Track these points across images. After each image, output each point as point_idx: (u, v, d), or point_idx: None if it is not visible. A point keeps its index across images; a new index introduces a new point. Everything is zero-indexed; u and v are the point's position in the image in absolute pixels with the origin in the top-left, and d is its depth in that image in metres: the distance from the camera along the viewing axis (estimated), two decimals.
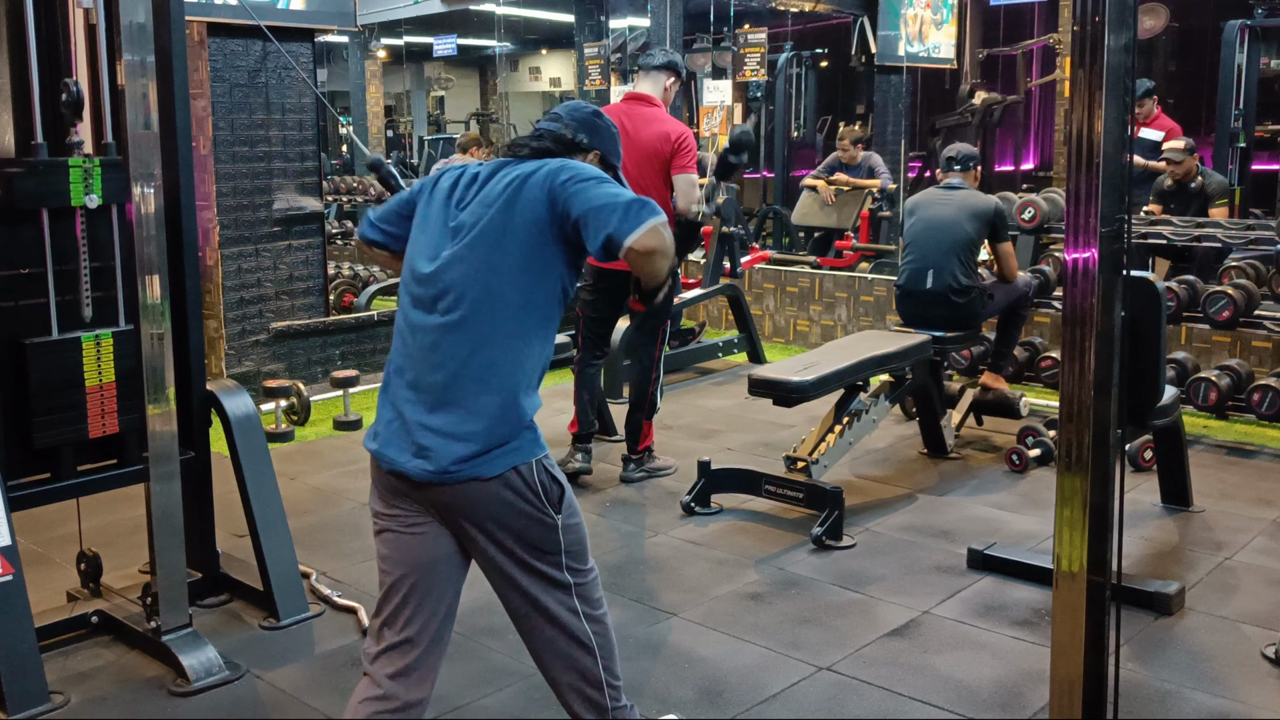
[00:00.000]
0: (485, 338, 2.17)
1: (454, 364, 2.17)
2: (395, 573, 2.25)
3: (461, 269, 2.20)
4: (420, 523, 2.24)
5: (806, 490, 4.28)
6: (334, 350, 6.56)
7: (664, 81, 4.87)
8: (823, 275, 7.83)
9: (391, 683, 2.22)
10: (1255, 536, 4.16)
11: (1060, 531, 2.20)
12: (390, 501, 2.26)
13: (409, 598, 2.23)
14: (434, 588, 2.24)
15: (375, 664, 2.24)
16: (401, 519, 2.25)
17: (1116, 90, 2.06)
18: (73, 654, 3.29)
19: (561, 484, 2.25)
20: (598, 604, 2.34)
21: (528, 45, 15.53)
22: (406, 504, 2.24)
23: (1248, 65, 8.57)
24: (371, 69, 12.84)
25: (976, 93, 11.01)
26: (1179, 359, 5.62)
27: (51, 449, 3.16)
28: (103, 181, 3.14)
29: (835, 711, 2.96)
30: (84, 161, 3.11)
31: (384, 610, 2.26)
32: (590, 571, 2.33)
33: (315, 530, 4.31)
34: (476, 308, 2.17)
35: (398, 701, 2.21)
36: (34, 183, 3.05)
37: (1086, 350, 2.12)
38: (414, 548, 2.24)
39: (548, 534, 2.22)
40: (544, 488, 2.20)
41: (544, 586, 2.24)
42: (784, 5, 10.44)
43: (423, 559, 2.24)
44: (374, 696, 2.22)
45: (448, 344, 2.18)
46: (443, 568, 2.26)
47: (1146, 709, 2.94)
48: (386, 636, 2.24)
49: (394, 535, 2.26)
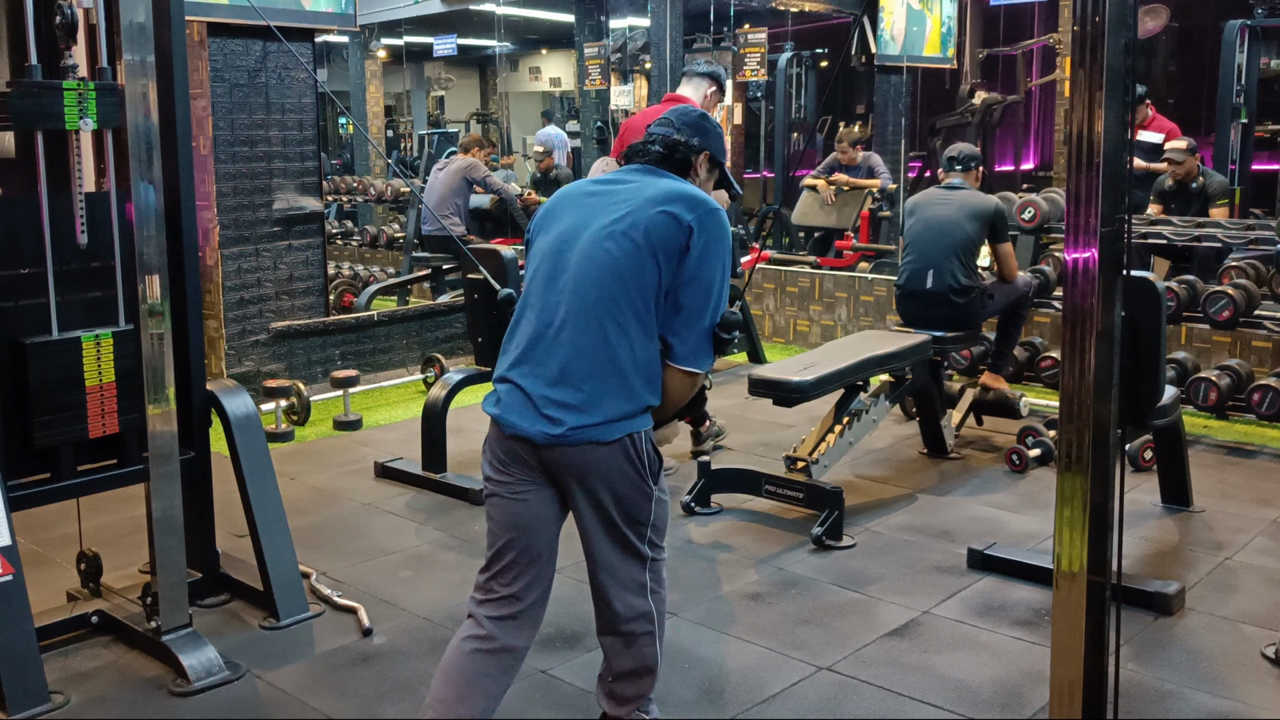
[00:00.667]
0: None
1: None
2: (504, 535, 2.43)
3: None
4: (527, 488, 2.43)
5: (806, 490, 4.28)
6: (334, 350, 6.56)
7: (705, 88, 5.01)
8: (823, 275, 7.83)
9: (495, 625, 2.41)
10: (1255, 536, 4.16)
11: (1060, 531, 2.20)
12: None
13: (517, 559, 2.42)
14: (538, 549, 2.44)
15: (481, 607, 2.44)
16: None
17: (1116, 90, 2.06)
18: (73, 654, 3.28)
19: (661, 459, 2.44)
20: (663, 585, 2.53)
21: (528, 45, 15.52)
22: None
23: (1248, 65, 8.56)
24: (371, 69, 12.84)
25: (976, 93, 11.01)
26: (1179, 359, 5.62)
27: (51, 449, 3.16)
28: (97, 105, 3.12)
29: (835, 711, 2.96)
30: (78, 85, 3.09)
31: (493, 567, 2.44)
32: (663, 552, 2.52)
33: (315, 530, 4.31)
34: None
35: (498, 643, 2.41)
36: (28, 104, 3.02)
37: (1086, 350, 2.12)
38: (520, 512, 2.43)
39: (643, 502, 2.40)
40: (650, 459, 2.39)
41: (625, 555, 2.43)
42: (784, 5, 10.44)
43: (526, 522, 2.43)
44: (477, 635, 2.41)
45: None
46: (545, 530, 2.45)
47: (1146, 709, 2.94)
48: (495, 589, 2.43)
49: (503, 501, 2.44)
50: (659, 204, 2.38)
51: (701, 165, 2.59)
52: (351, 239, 11.02)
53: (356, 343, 6.68)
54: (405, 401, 6.44)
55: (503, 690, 2.43)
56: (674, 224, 2.35)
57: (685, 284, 2.36)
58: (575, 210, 2.48)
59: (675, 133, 2.56)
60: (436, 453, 4.84)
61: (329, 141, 13.72)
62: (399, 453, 5.15)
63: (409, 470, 4.90)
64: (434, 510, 4.55)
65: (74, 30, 3.10)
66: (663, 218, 2.36)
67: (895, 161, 9.49)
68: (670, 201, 2.38)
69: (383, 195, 10.14)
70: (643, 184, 2.45)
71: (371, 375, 6.68)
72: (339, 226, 11.37)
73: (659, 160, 2.53)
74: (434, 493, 4.73)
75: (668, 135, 2.55)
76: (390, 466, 4.98)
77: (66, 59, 3.11)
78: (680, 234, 2.35)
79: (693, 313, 2.37)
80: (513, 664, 2.44)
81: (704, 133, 2.60)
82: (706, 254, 2.36)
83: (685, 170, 2.55)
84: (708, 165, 2.60)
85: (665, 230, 2.35)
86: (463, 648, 2.41)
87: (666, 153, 2.53)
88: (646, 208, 2.38)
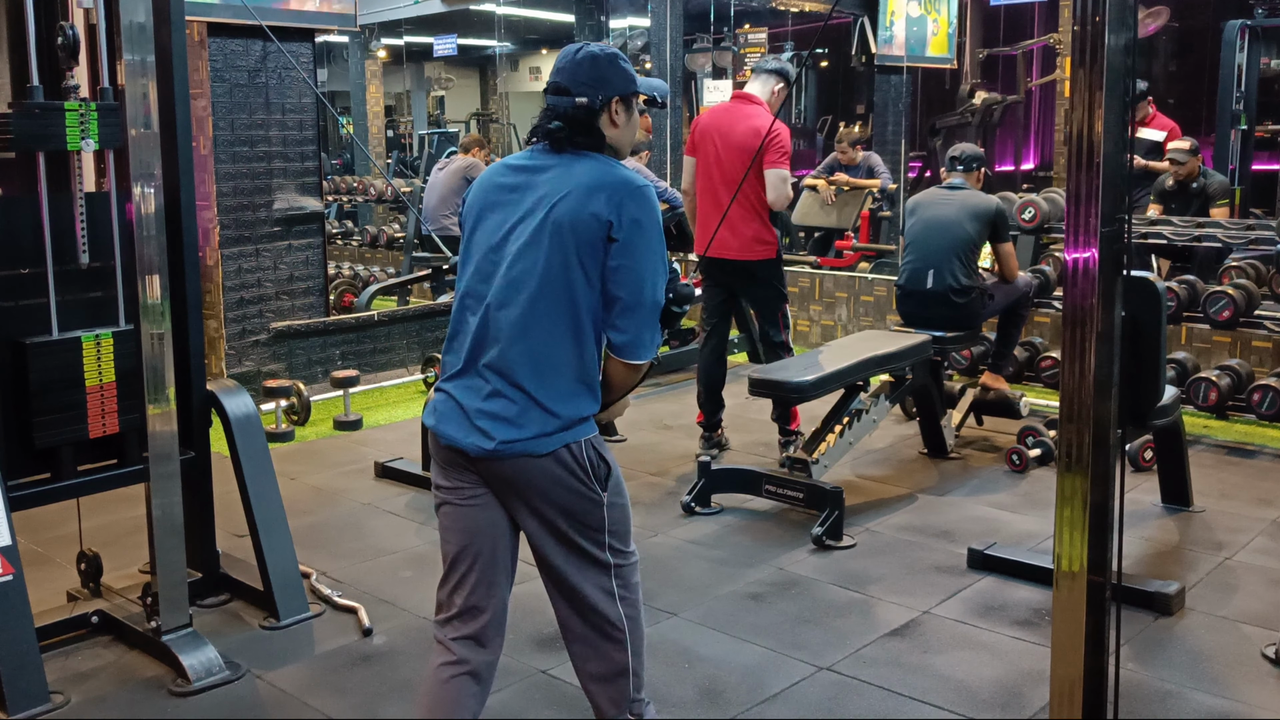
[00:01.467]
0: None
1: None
2: (458, 543, 2.38)
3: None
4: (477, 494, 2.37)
5: (806, 490, 4.28)
6: (334, 350, 6.56)
7: (772, 85, 5.10)
8: (823, 275, 7.82)
9: (461, 647, 2.35)
10: (1255, 536, 4.16)
11: (1060, 531, 2.20)
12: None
13: (473, 566, 2.36)
14: (494, 555, 2.37)
15: (445, 629, 2.38)
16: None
17: (1116, 90, 2.06)
18: (73, 654, 3.28)
19: (609, 463, 2.36)
20: (634, 589, 2.46)
21: (528, 45, 15.51)
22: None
23: (1248, 65, 8.56)
24: (371, 69, 12.84)
25: (977, 93, 11.01)
26: (1179, 359, 5.62)
27: (51, 449, 3.16)
28: (99, 126, 3.12)
29: (835, 711, 2.96)
30: (80, 105, 3.09)
31: (450, 579, 2.39)
32: (631, 555, 2.45)
33: (315, 530, 4.31)
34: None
35: (471, 664, 2.35)
36: (30, 125, 3.02)
37: (1086, 350, 2.12)
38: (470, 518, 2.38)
39: (593, 509, 2.32)
40: (592, 464, 2.31)
41: (583, 564, 2.36)
42: (784, 5, 10.44)
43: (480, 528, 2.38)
44: (448, 661, 2.36)
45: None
46: (499, 535, 2.39)
47: (1146, 709, 2.94)
48: (454, 604, 2.37)
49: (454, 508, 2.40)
50: (574, 201, 2.27)
51: (616, 113, 2.39)
52: (352, 239, 11.02)
53: (357, 343, 6.68)
54: (405, 401, 6.44)
55: (485, 698, 2.39)
56: (592, 221, 2.25)
57: (613, 274, 2.27)
58: (495, 211, 2.36)
59: (572, 98, 2.35)
60: None
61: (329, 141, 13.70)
62: (399, 453, 5.15)
63: (409, 470, 4.90)
64: (434, 510, 4.54)
65: (76, 51, 3.10)
66: (579, 215, 2.26)
67: (895, 161, 9.49)
68: (586, 196, 2.27)
69: (383, 195, 10.14)
70: (557, 174, 2.32)
71: (372, 375, 6.68)
72: (339, 226, 11.37)
73: (567, 138, 2.35)
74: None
75: (562, 107, 2.35)
76: (390, 466, 4.98)
77: (68, 80, 3.12)
78: (600, 228, 2.25)
79: (627, 303, 2.28)
80: (489, 674, 2.38)
81: (602, 79, 2.37)
82: (631, 241, 2.26)
83: (597, 135, 2.37)
84: (622, 107, 2.40)
85: (584, 228, 2.25)
86: (439, 676, 2.35)
87: (569, 126, 2.34)
88: (561, 206, 2.27)
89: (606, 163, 2.35)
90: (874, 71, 10.45)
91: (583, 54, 2.41)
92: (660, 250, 2.33)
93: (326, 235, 6.86)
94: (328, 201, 9.98)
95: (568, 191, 2.29)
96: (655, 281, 2.31)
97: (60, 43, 3.07)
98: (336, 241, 10.72)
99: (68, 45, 3.07)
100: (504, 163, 2.45)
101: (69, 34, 3.07)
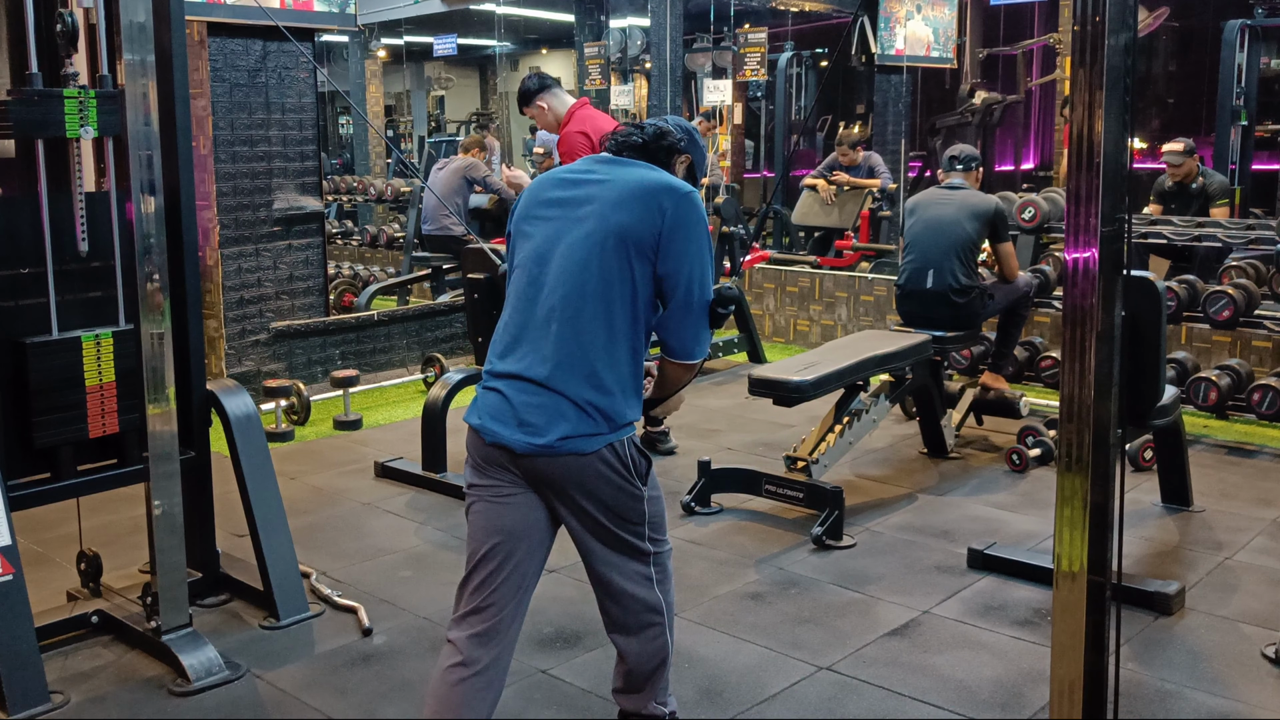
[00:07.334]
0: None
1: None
2: (487, 541, 2.39)
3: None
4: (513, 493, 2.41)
5: (806, 490, 4.28)
6: (334, 350, 6.56)
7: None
8: (823, 275, 7.82)
9: (472, 645, 2.36)
10: (1255, 536, 4.16)
11: (1060, 531, 2.20)
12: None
13: (500, 566, 2.38)
14: (522, 557, 2.40)
15: (458, 628, 2.39)
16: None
17: (1116, 90, 2.06)
18: (73, 654, 3.28)
19: (649, 459, 2.44)
20: (669, 574, 2.55)
21: (528, 45, 15.51)
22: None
23: (1248, 65, 8.57)
24: (371, 69, 12.83)
25: (976, 93, 11.01)
26: (1179, 359, 5.62)
27: (51, 449, 3.16)
28: (98, 113, 3.11)
29: (835, 711, 2.96)
30: (79, 92, 3.09)
31: (474, 578, 2.39)
32: (666, 543, 2.54)
33: (315, 530, 4.31)
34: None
35: (480, 665, 2.36)
36: (29, 112, 3.01)
37: (1086, 350, 2.12)
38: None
39: (635, 504, 2.39)
40: (633, 461, 2.38)
41: (625, 555, 2.44)
42: (784, 5, 10.44)
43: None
44: (457, 663, 2.36)
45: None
46: (530, 537, 2.41)
47: (1146, 709, 2.94)
48: (472, 601, 2.39)
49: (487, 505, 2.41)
50: (626, 206, 2.36)
51: (679, 166, 2.58)
52: (351, 239, 11.02)
53: (356, 343, 6.68)
54: (405, 401, 6.44)
55: (495, 701, 2.40)
56: (640, 225, 2.34)
57: (665, 279, 2.37)
58: (548, 217, 2.44)
59: (669, 128, 2.56)
60: (436, 452, 4.84)
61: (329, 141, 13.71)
62: (399, 452, 5.15)
63: (409, 470, 4.91)
64: (434, 510, 4.54)
65: (75, 38, 3.10)
66: (627, 220, 2.35)
67: (895, 161, 9.49)
68: (637, 200, 2.37)
69: (383, 195, 10.14)
70: (612, 182, 2.42)
71: (371, 375, 6.68)
72: (339, 226, 11.37)
73: (637, 150, 2.50)
74: (434, 492, 4.73)
75: (661, 126, 2.54)
76: (390, 466, 4.98)
77: (67, 67, 3.11)
78: (648, 232, 2.34)
79: (677, 305, 2.39)
80: (498, 677, 2.39)
81: (694, 143, 2.62)
82: (679, 244, 2.36)
83: (663, 163, 2.52)
84: (685, 170, 2.60)
85: (632, 233, 2.34)
86: (447, 679, 2.35)
87: (647, 143, 2.50)
88: (615, 212, 2.36)
89: (653, 170, 2.47)
90: (874, 71, 10.45)
91: (692, 125, 2.66)
92: (707, 252, 2.43)
93: (326, 235, 6.86)
94: (328, 201, 9.99)
95: (617, 198, 2.38)
96: (704, 283, 2.40)
97: (59, 29, 3.07)
98: (336, 241, 10.72)
99: (66, 32, 3.07)
100: (554, 173, 2.56)
101: (68, 21, 3.06)
